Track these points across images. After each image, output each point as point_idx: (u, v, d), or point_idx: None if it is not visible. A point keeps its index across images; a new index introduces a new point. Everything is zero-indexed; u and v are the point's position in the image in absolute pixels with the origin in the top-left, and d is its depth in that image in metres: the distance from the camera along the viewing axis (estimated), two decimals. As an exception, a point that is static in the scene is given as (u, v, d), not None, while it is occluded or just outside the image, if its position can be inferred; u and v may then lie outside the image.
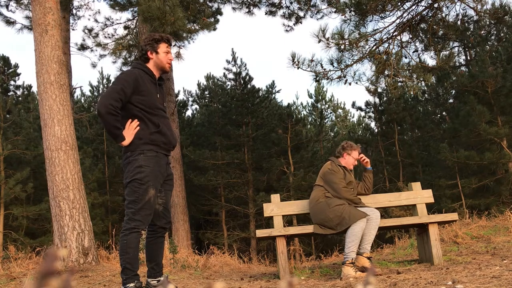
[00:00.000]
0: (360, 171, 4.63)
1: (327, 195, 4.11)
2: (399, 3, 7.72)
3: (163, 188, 3.14)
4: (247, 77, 16.96)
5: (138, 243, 2.95)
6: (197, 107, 21.08)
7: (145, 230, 3.07)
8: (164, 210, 3.14)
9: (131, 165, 2.97)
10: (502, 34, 14.86)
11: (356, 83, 7.92)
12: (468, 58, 15.72)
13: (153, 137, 3.02)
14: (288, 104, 20.26)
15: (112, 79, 20.40)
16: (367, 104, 16.69)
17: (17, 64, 17.16)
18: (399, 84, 7.98)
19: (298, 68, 7.68)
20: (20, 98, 17.97)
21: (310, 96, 25.74)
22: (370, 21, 7.88)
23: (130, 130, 2.97)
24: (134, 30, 10.27)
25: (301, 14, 10.67)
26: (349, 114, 27.98)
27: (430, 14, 8.17)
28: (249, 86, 16.90)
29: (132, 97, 2.99)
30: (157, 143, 3.02)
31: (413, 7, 7.93)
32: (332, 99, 27.38)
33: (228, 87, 17.63)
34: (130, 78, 2.99)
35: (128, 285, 2.87)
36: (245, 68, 17.09)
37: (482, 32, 14.27)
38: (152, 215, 3.00)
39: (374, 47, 7.94)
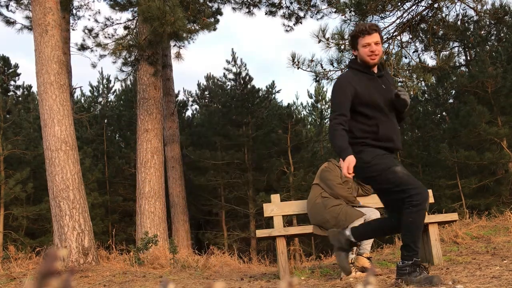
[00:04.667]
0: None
1: (324, 195, 4.12)
2: (399, 3, 7.72)
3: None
4: (247, 77, 16.96)
5: (423, 221, 2.82)
6: (197, 107, 21.05)
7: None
8: None
9: (359, 169, 2.86)
10: (502, 34, 14.85)
11: (356, 83, 7.90)
12: (468, 58, 15.71)
13: (370, 142, 2.92)
14: (288, 104, 20.24)
15: (112, 79, 20.38)
16: (367, 104, 16.67)
17: (17, 64, 17.17)
18: (399, 84, 7.97)
19: (298, 68, 7.68)
20: (20, 98, 17.97)
21: (310, 96, 25.66)
22: (370, 21, 7.88)
23: (350, 170, 2.75)
24: (134, 30, 10.28)
25: (301, 14, 10.66)
26: (349, 114, 27.94)
27: (430, 14, 8.17)
28: (249, 86, 16.89)
29: (353, 101, 2.94)
30: (375, 146, 2.92)
31: (413, 7, 7.94)
32: (332, 99, 27.36)
33: (228, 87, 17.63)
34: (341, 86, 2.97)
35: (406, 261, 2.82)
36: (245, 68, 17.10)
37: (482, 32, 14.26)
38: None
39: (374, 47, 7.93)
